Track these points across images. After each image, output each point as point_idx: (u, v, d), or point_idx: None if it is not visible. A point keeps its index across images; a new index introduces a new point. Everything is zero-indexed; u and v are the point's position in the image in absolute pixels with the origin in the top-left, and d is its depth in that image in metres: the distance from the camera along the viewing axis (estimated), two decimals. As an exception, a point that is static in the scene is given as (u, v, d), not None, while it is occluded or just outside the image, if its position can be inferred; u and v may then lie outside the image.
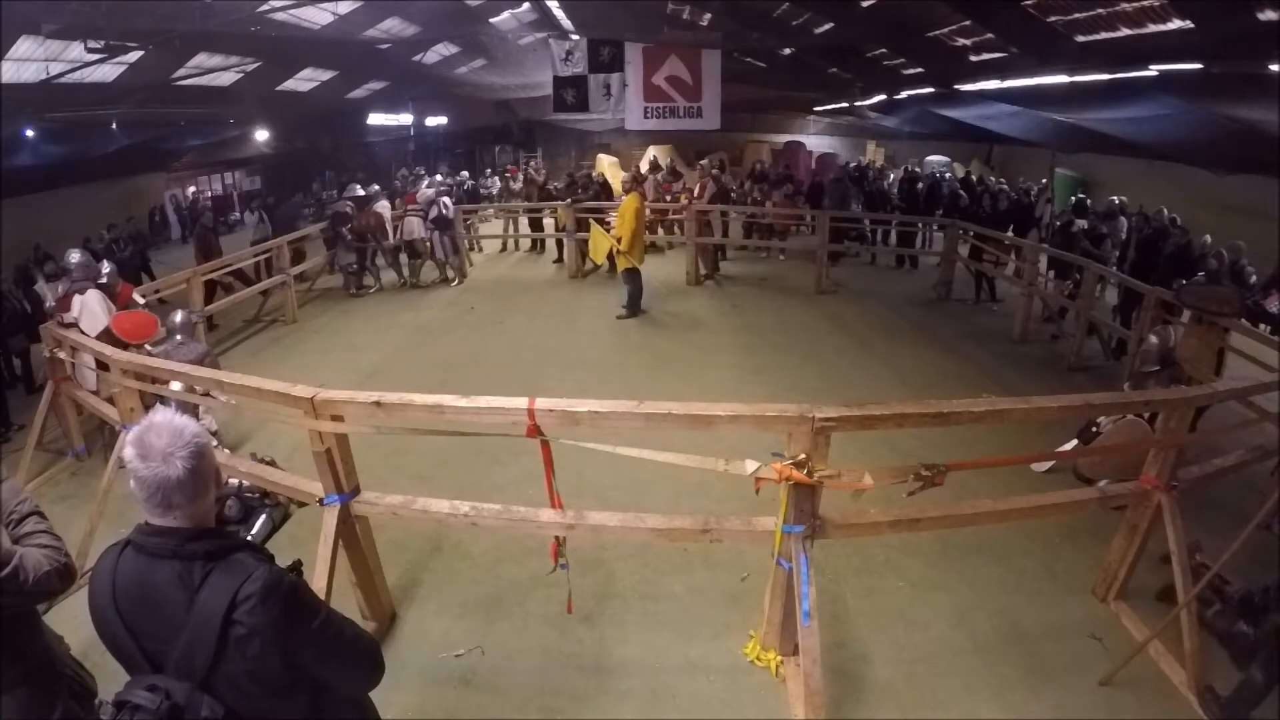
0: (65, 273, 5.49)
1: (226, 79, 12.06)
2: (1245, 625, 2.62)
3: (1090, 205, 10.24)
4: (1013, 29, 8.34)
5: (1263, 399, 4.06)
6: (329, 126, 18.09)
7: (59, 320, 5.05)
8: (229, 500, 4.06)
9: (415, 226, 9.91)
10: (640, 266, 8.32)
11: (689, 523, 2.84)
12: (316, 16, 10.98)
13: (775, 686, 2.95)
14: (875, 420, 2.68)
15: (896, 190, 13.35)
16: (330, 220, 9.81)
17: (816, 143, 22.43)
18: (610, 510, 3.06)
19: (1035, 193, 10.49)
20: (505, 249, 13.14)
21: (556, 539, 2.92)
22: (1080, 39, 7.86)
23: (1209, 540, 3.18)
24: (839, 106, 18.78)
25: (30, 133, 9.49)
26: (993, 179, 14.21)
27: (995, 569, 3.75)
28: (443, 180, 12.20)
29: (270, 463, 4.20)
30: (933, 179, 13.22)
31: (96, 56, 8.48)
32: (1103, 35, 7.55)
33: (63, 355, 4.89)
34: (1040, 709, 2.86)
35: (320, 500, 2.92)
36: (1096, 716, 2.83)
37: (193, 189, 18.04)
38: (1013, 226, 9.94)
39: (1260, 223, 8.17)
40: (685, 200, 11.10)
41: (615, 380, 6.43)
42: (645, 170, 13.66)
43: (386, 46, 13.35)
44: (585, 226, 9.74)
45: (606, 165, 18.46)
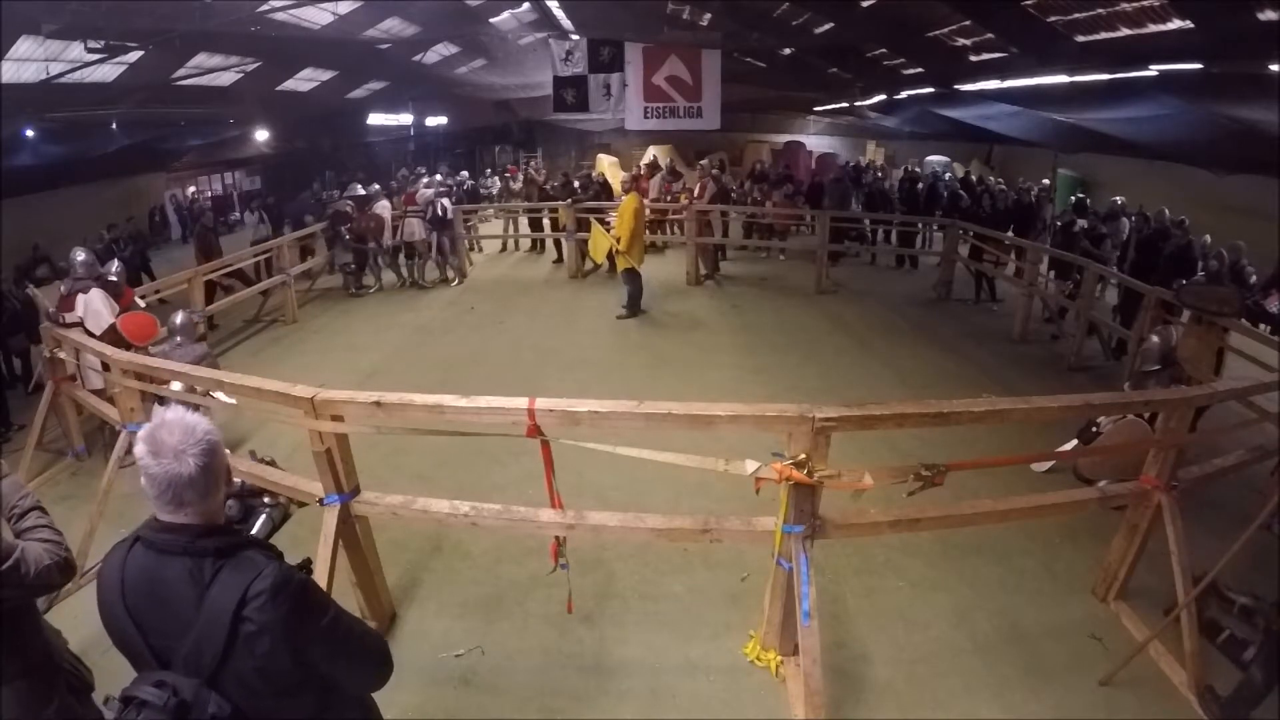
0: (69, 271, 5.48)
1: (226, 79, 12.06)
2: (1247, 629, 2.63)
3: (1090, 205, 10.23)
4: (1013, 29, 8.34)
5: (1263, 399, 4.06)
6: (329, 126, 18.09)
7: (61, 320, 5.04)
8: (228, 500, 4.05)
9: (416, 227, 9.92)
10: (639, 267, 8.32)
11: (689, 523, 2.84)
12: (316, 16, 10.98)
13: (775, 686, 2.95)
14: (875, 420, 2.69)
15: (896, 190, 13.35)
16: (331, 220, 9.81)
17: (816, 143, 22.43)
18: (610, 510, 3.06)
19: (1036, 193, 10.47)
20: (505, 249, 13.14)
21: (556, 539, 2.91)
22: (1080, 39, 7.86)
23: (1209, 540, 3.18)
24: (839, 106, 18.78)
25: (30, 133, 9.49)
26: (993, 179, 14.20)
27: (995, 569, 3.75)
28: (441, 180, 12.19)
29: (270, 463, 4.19)
30: (933, 179, 13.21)
31: (96, 56, 8.48)
32: (1103, 35, 7.55)
33: (63, 355, 4.88)
34: (1040, 709, 2.86)
35: (320, 500, 2.92)
36: (1096, 716, 2.83)
37: (192, 189, 18.03)
38: (1013, 226, 9.94)
39: (1260, 223, 8.17)
40: (685, 200, 11.10)
41: (615, 380, 6.43)
42: (648, 170, 13.67)
43: (386, 46, 13.35)
44: (585, 226, 9.75)
45: (606, 165, 18.46)
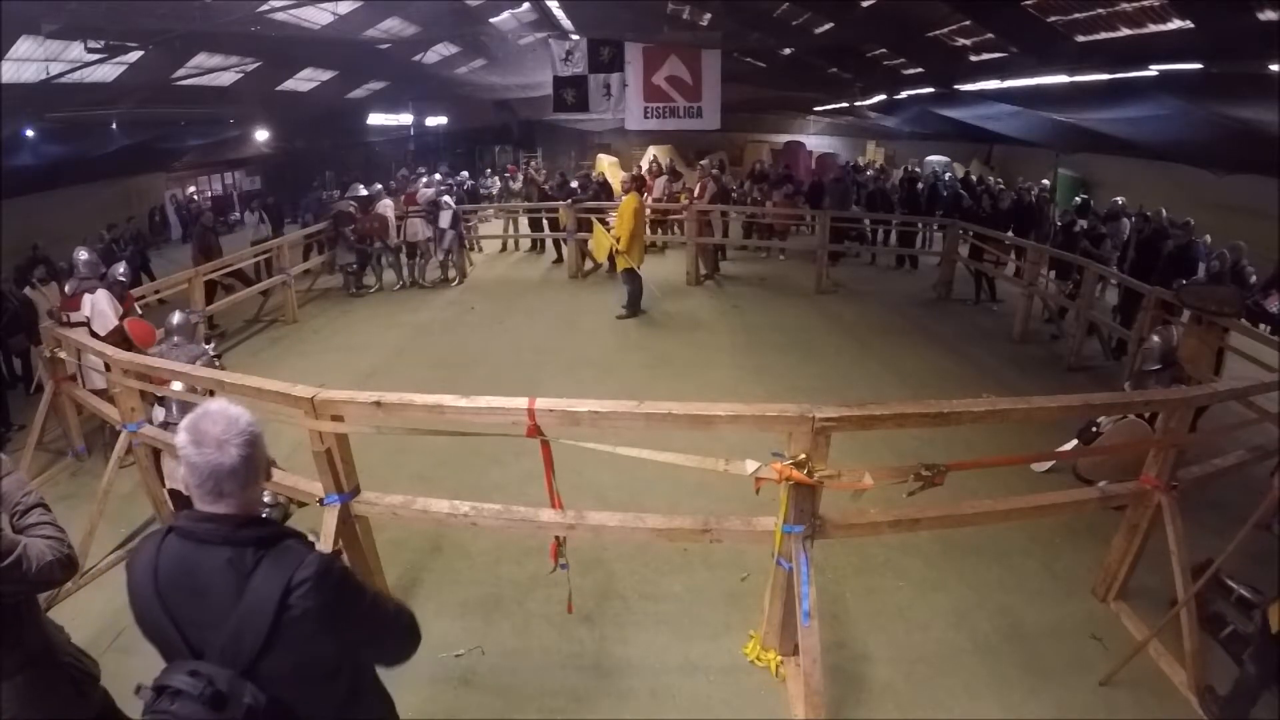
0: (73, 271, 5.51)
1: (226, 79, 12.06)
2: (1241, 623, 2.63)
3: (1092, 206, 10.23)
4: (1013, 29, 8.34)
5: (1263, 399, 4.06)
6: (329, 126, 18.09)
7: (65, 318, 5.05)
8: None
9: (419, 227, 9.94)
10: (639, 267, 8.32)
11: (689, 523, 2.84)
12: (316, 16, 10.99)
13: (775, 686, 2.94)
14: (875, 420, 2.68)
15: (896, 190, 13.34)
16: (333, 220, 9.81)
17: (816, 143, 22.45)
18: (610, 510, 3.06)
19: (1037, 193, 10.48)
20: (505, 249, 13.14)
21: (556, 539, 2.91)
22: (1080, 39, 7.86)
23: (1209, 540, 3.18)
24: (839, 106, 18.79)
25: (30, 133, 9.50)
26: (993, 179, 14.20)
27: (995, 569, 3.75)
28: (442, 180, 12.21)
29: (270, 463, 4.19)
30: (934, 179, 13.21)
31: (96, 56, 8.49)
32: (1103, 35, 7.55)
33: (63, 355, 4.88)
34: (1040, 709, 2.85)
35: (320, 500, 2.92)
36: (1096, 716, 2.83)
37: (192, 189, 18.03)
38: (1013, 227, 9.94)
39: (1260, 223, 8.17)
40: (685, 200, 11.10)
41: (615, 380, 6.43)
42: (652, 170, 13.65)
43: (386, 46, 13.36)
44: (586, 226, 9.74)
45: (606, 165, 18.46)
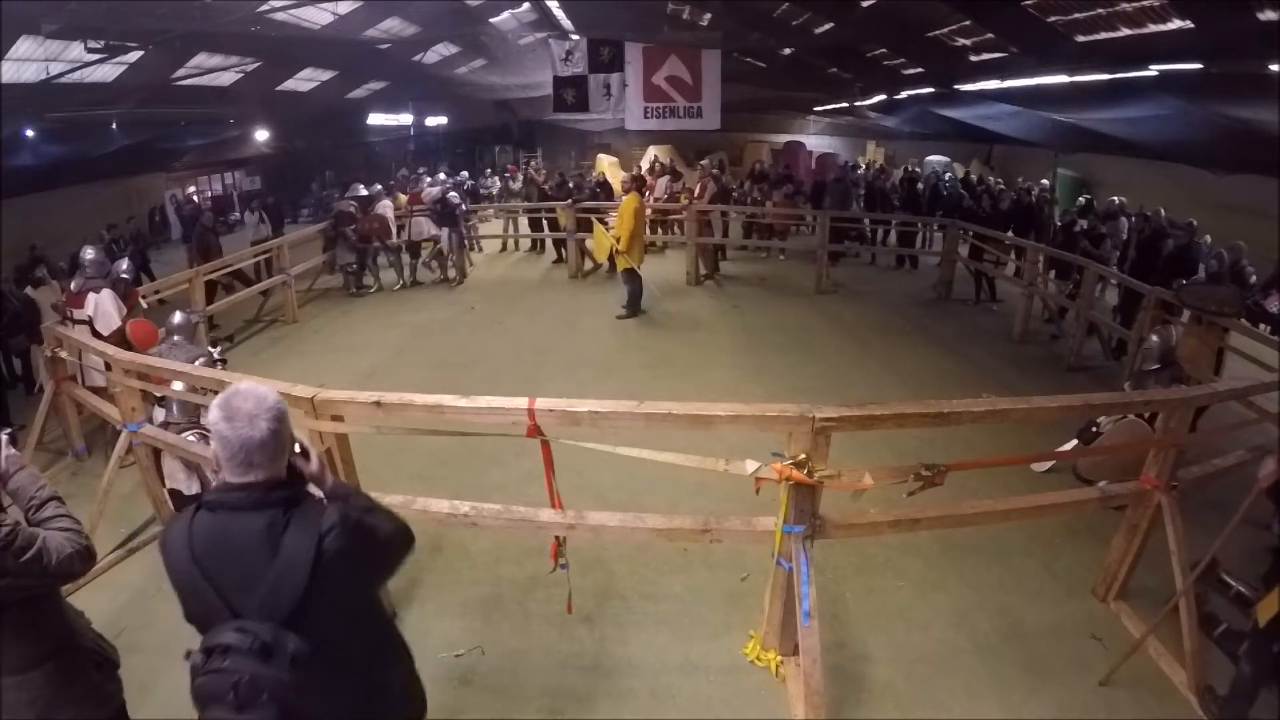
0: (79, 269, 5.54)
1: (226, 79, 12.05)
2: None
3: (1094, 206, 10.23)
4: (1013, 29, 8.34)
5: (1263, 399, 4.06)
6: (329, 126, 18.08)
7: (69, 316, 5.06)
8: None
9: (424, 226, 9.95)
10: (639, 267, 8.32)
11: (689, 523, 2.84)
12: (316, 16, 10.98)
13: (775, 686, 2.94)
14: (875, 420, 2.68)
15: (896, 190, 13.34)
16: (334, 220, 9.82)
17: (816, 143, 22.43)
18: (610, 510, 3.06)
19: (1037, 193, 10.48)
20: (505, 249, 13.14)
21: (556, 539, 2.91)
22: (1080, 39, 7.86)
23: (1209, 540, 3.17)
24: (839, 106, 18.77)
25: (30, 133, 9.49)
26: (993, 179, 14.19)
27: (995, 569, 3.75)
28: (446, 178, 12.24)
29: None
30: (934, 180, 13.20)
31: (96, 56, 8.48)
32: (1103, 35, 7.54)
33: (64, 355, 4.89)
34: (1040, 709, 2.85)
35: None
36: (1096, 716, 2.83)
37: (192, 189, 18.01)
38: (1013, 227, 9.94)
39: (1260, 223, 8.17)
40: (685, 200, 11.10)
41: (615, 380, 6.42)
42: (653, 170, 13.62)
43: (386, 46, 13.35)
44: (586, 226, 9.74)
45: (606, 165, 18.46)
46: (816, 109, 20.64)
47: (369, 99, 17.82)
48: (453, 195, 10.09)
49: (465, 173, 14.95)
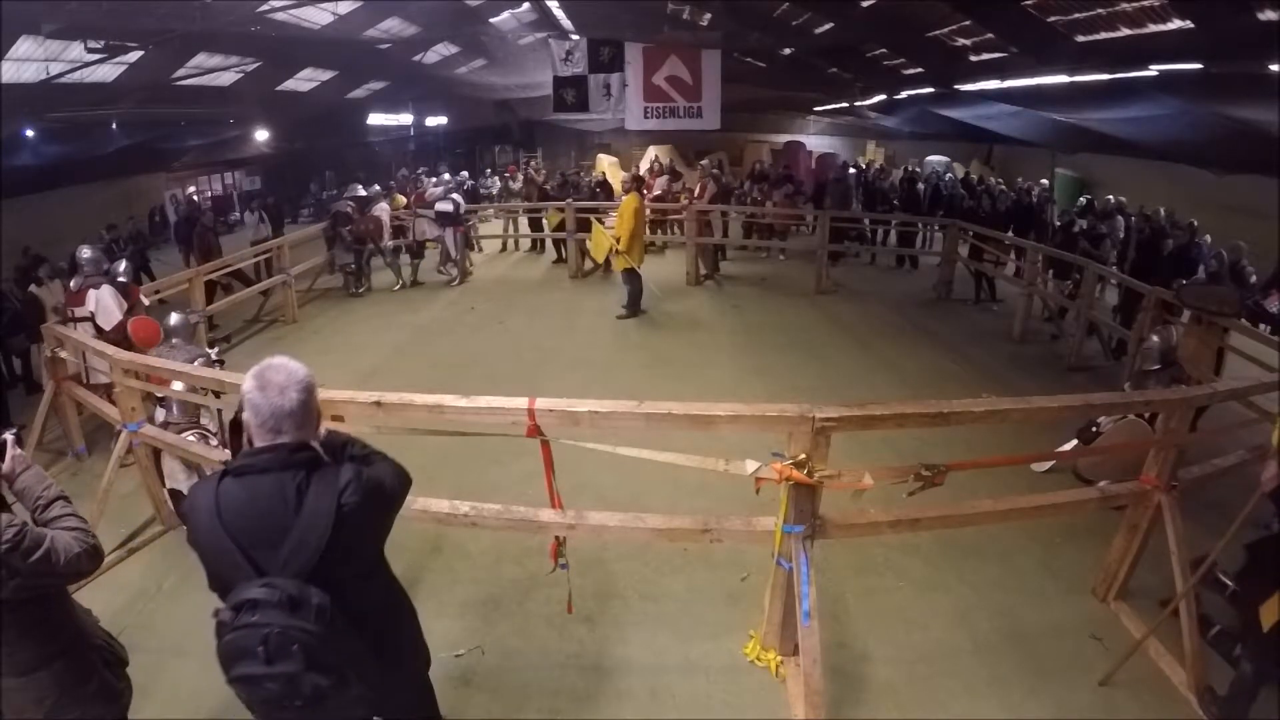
0: (78, 268, 5.58)
1: (226, 79, 12.06)
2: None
3: (1094, 206, 10.23)
4: (1012, 29, 8.34)
5: (1263, 399, 4.06)
6: (329, 126, 18.08)
7: (71, 315, 5.06)
8: None
9: (427, 227, 9.96)
10: (639, 267, 8.32)
11: (689, 523, 2.84)
12: (316, 16, 10.99)
13: (775, 686, 2.94)
14: (875, 420, 2.68)
15: (896, 190, 13.34)
16: (331, 220, 9.81)
17: (816, 143, 22.41)
18: (610, 510, 3.05)
19: (1037, 194, 10.47)
20: (505, 249, 13.14)
21: (556, 539, 2.91)
22: (1080, 39, 7.86)
23: (1210, 541, 3.17)
24: (839, 106, 18.77)
25: (30, 133, 9.49)
26: (993, 179, 14.19)
27: (995, 569, 3.75)
28: (449, 179, 12.25)
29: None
30: (935, 180, 13.20)
31: (96, 56, 8.49)
32: (1103, 35, 7.55)
33: (64, 354, 4.89)
34: (1040, 709, 2.85)
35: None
36: (1096, 716, 2.83)
37: (192, 189, 18.01)
38: (1013, 227, 9.94)
39: (1260, 223, 8.17)
40: (685, 200, 11.10)
41: (615, 380, 6.42)
42: (653, 170, 13.61)
43: (386, 46, 13.36)
44: (586, 226, 9.74)
45: (606, 165, 18.45)
46: (816, 109, 20.64)
47: (369, 99, 17.83)
48: (456, 196, 10.10)
49: (465, 173, 14.96)
